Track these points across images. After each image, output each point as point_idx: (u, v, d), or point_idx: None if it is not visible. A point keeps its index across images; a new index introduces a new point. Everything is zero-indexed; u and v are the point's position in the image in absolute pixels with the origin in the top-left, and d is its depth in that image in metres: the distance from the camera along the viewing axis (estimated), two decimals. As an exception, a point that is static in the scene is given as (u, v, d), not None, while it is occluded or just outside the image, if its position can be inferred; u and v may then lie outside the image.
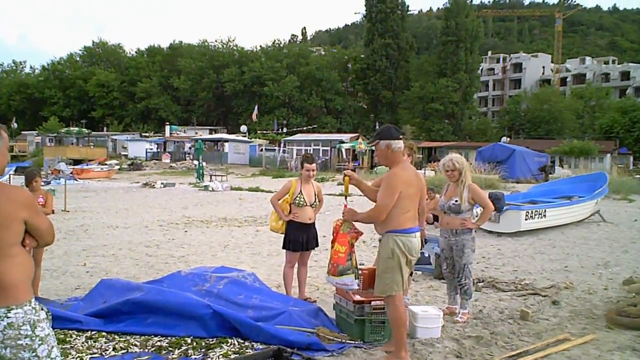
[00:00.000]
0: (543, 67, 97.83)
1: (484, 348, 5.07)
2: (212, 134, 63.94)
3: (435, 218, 12.87)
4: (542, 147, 44.23)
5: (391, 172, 4.65)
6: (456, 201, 5.93)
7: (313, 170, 6.48)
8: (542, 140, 56.43)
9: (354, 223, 5.03)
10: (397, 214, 4.59)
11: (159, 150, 57.93)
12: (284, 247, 6.65)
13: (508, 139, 56.15)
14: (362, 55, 72.58)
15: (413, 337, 5.27)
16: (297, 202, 6.43)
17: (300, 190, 6.46)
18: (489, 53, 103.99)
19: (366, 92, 72.65)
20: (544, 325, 5.85)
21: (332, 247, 5.04)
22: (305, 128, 61.41)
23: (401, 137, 4.79)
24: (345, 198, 5.16)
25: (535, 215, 12.60)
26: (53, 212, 7.14)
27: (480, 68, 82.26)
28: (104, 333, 4.99)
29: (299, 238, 6.47)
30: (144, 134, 67.34)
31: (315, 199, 6.54)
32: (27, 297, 2.60)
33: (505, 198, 12.55)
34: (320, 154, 47.87)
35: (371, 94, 71.74)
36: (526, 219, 12.35)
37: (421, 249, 5.83)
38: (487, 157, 30.96)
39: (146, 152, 56.05)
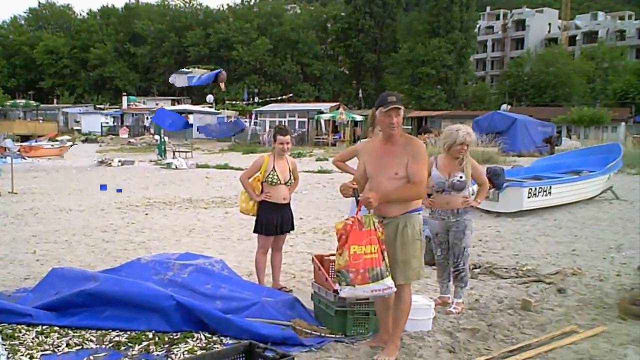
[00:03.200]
0: (549, 24, 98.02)
1: (480, 342, 5.11)
2: (174, 105, 63.43)
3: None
4: (547, 115, 44.56)
5: (421, 144, 4.65)
6: (461, 177, 5.88)
7: (287, 144, 6.46)
8: (548, 107, 56.88)
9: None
10: None
11: (115, 124, 57.59)
12: (255, 231, 6.65)
13: (509, 106, 56.33)
14: (342, 14, 72.26)
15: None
16: (269, 180, 6.42)
17: (274, 167, 6.44)
18: (488, 9, 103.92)
19: (348, 55, 72.33)
20: (549, 316, 5.91)
21: (343, 253, 4.43)
22: (279, 97, 61.14)
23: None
24: (356, 194, 4.64)
25: (539, 192, 12.67)
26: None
27: (478, 26, 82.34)
28: (56, 328, 5.01)
29: (272, 220, 6.48)
30: (98, 106, 66.89)
31: (290, 176, 6.53)
32: None
33: (505, 173, 12.62)
34: (297, 126, 47.76)
35: (353, 58, 71.48)
36: (529, 197, 12.43)
37: None
38: (485, 127, 31.08)
39: (101, 126, 55.80)
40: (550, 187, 12.94)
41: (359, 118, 44.54)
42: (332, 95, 68.66)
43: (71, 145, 38.65)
